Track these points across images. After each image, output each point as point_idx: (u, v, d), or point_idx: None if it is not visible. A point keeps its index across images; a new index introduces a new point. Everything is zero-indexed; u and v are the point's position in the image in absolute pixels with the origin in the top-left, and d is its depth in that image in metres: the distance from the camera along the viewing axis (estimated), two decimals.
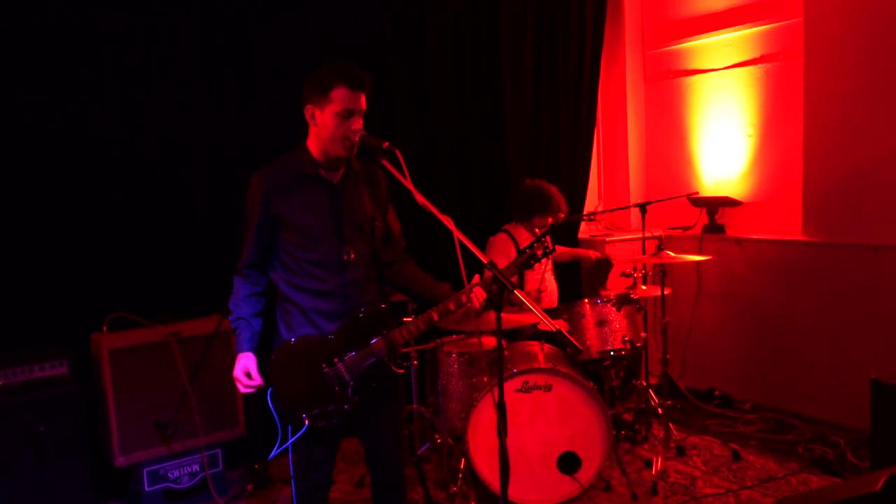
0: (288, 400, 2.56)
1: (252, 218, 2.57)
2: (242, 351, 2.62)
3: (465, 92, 5.00)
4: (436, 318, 2.60)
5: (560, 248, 4.49)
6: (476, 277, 2.61)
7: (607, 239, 5.38)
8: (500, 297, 2.28)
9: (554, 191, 4.39)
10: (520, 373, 3.54)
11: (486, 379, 3.70)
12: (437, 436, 3.96)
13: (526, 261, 2.61)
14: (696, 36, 5.38)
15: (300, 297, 2.59)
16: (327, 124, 2.50)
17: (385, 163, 2.40)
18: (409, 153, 2.42)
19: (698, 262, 4.93)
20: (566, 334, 2.26)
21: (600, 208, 5.83)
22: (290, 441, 2.56)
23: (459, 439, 3.70)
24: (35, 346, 3.53)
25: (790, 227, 4.82)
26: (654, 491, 3.71)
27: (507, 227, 4.47)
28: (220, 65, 4.13)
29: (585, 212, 5.57)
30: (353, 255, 2.60)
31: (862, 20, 4.29)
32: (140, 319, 3.73)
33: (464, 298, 2.57)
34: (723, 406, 4.91)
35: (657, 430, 4.40)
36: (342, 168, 2.62)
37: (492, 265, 2.21)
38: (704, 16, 5.32)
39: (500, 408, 2.23)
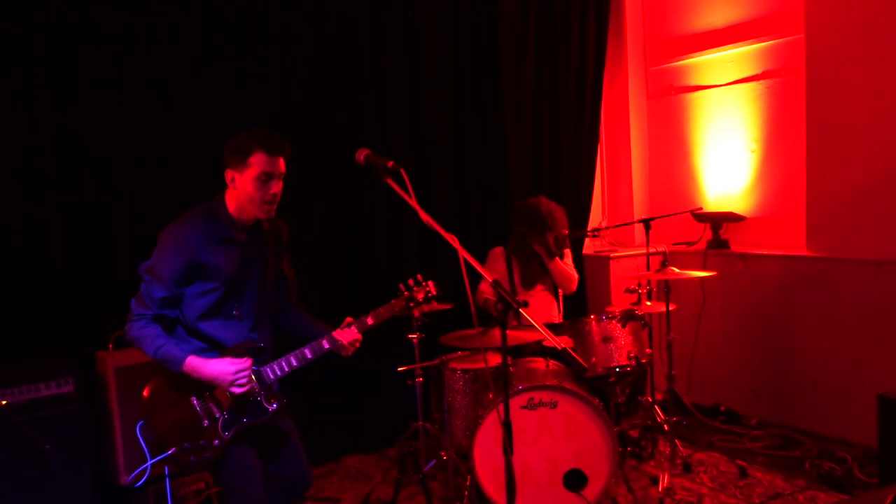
0: (158, 433, 2.65)
1: (169, 268, 2.62)
2: (186, 356, 2.62)
3: (465, 108, 5.03)
4: (309, 356, 2.77)
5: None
6: (348, 319, 2.81)
7: (611, 255, 5.38)
8: (504, 314, 2.29)
9: (543, 208, 4.35)
10: (525, 389, 3.53)
11: (491, 396, 3.69)
12: (442, 453, 3.95)
13: (406, 303, 2.86)
14: (698, 52, 5.41)
15: (193, 342, 2.70)
16: (247, 188, 2.62)
17: (390, 182, 2.42)
18: (409, 171, 2.45)
19: (703, 278, 4.93)
20: (571, 352, 2.26)
21: (604, 224, 5.84)
22: (149, 463, 2.68)
23: (465, 456, 3.69)
24: (41, 364, 3.53)
25: (794, 242, 4.82)
26: None
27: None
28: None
29: (589, 228, 5.58)
30: (237, 312, 2.76)
31: (863, 36, 4.31)
32: None
33: (335, 335, 2.76)
34: (729, 422, 4.89)
35: (663, 447, 4.38)
36: (251, 227, 2.76)
37: (496, 284, 2.22)
38: (706, 32, 5.35)
39: (506, 426, 2.23)
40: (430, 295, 2.90)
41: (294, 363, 2.76)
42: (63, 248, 3.78)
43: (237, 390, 2.64)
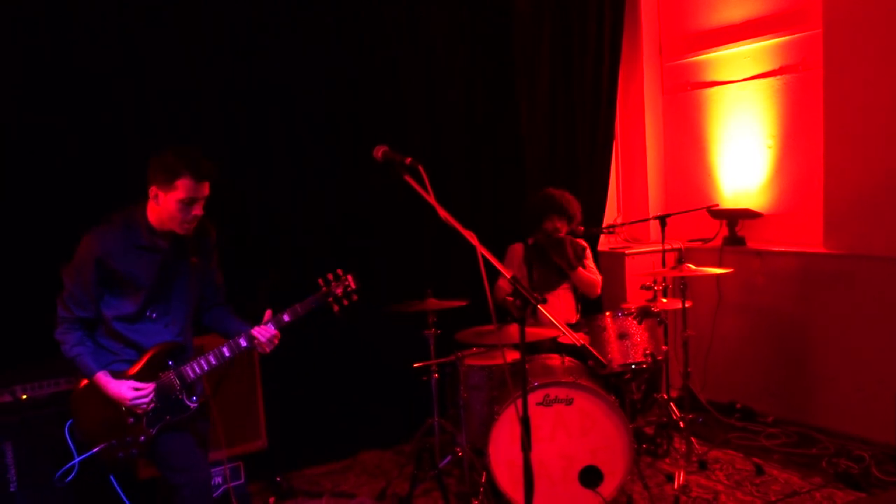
0: (85, 432, 2.79)
1: (86, 274, 2.72)
2: (97, 371, 2.75)
3: (479, 105, 5.02)
4: (227, 353, 2.87)
5: None
6: (268, 313, 2.89)
7: (627, 252, 5.37)
8: (523, 311, 2.29)
9: (557, 193, 4.37)
10: (541, 386, 3.53)
11: (506, 392, 3.70)
12: (458, 449, 3.96)
13: (323, 299, 2.93)
14: (715, 48, 5.38)
15: (112, 342, 2.81)
16: (169, 209, 2.70)
17: (408, 178, 2.43)
18: (423, 165, 2.46)
19: (719, 275, 4.91)
20: (590, 348, 2.26)
21: (619, 221, 5.82)
22: (76, 461, 2.75)
23: (480, 452, 3.70)
24: (60, 359, 3.56)
25: (811, 239, 4.79)
26: None
27: (529, 240, 4.49)
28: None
29: (604, 224, 5.56)
30: (154, 315, 2.84)
31: (882, 30, 4.27)
32: None
33: (253, 332, 2.86)
34: (745, 419, 4.87)
35: (679, 444, 4.37)
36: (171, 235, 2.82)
37: (515, 280, 2.23)
38: (722, 28, 5.32)
39: (525, 422, 2.23)
40: (349, 289, 2.98)
41: (213, 361, 2.87)
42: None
43: (138, 411, 2.77)
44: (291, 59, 4.32)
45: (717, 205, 5.19)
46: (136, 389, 2.75)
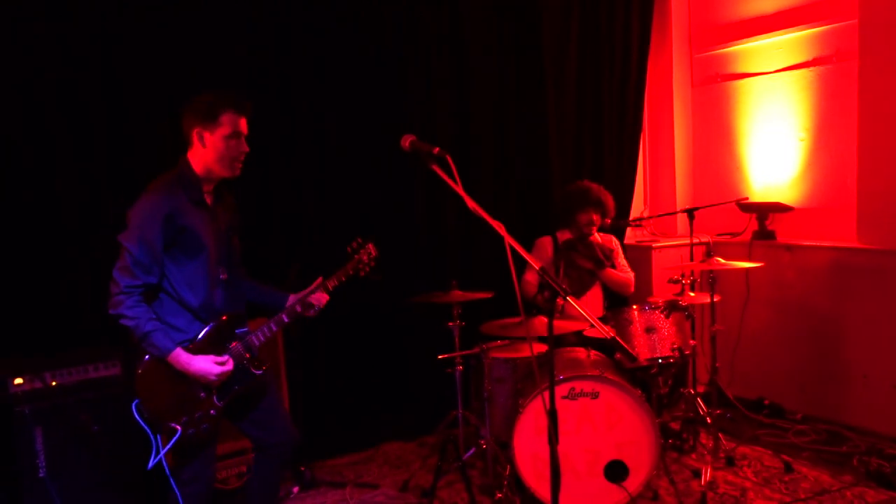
0: (156, 411, 2.68)
1: (152, 234, 2.62)
2: (173, 349, 2.66)
3: (507, 97, 4.99)
4: (286, 319, 2.91)
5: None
6: (318, 279, 2.94)
7: (654, 245, 5.31)
8: (551, 303, 2.26)
9: (594, 186, 4.39)
10: (566, 379, 3.50)
11: (531, 385, 3.67)
12: (482, 441, 3.95)
13: (355, 264, 3.04)
14: (745, 39, 5.29)
15: (179, 318, 2.74)
16: (217, 146, 2.70)
17: (436, 168, 2.41)
18: (451, 156, 2.44)
19: (748, 269, 4.84)
20: (620, 341, 2.23)
21: (646, 214, 5.76)
22: (164, 451, 2.66)
23: (505, 445, 3.68)
24: (89, 346, 3.60)
25: (844, 233, 4.69)
26: (703, 502, 3.63)
27: (557, 231, 4.47)
28: None
29: (631, 217, 5.51)
30: (225, 275, 2.85)
31: None
32: None
33: (308, 303, 2.93)
34: (773, 416, 4.80)
35: (705, 440, 4.31)
36: (213, 192, 2.83)
37: (543, 271, 2.20)
38: (753, 18, 5.22)
39: (552, 415, 2.21)
40: (371, 255, 3.12)
41: (274, 328, 2.90)
42: (107, 230, 3.82)
43: (216, 384, 2.75)
44: (323, 49, 4.33)
45: (747, 198, 5.10)
46: (219, 363, 2.72)
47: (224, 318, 2.82)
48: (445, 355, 3.93)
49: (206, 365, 2.69)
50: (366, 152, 4.48)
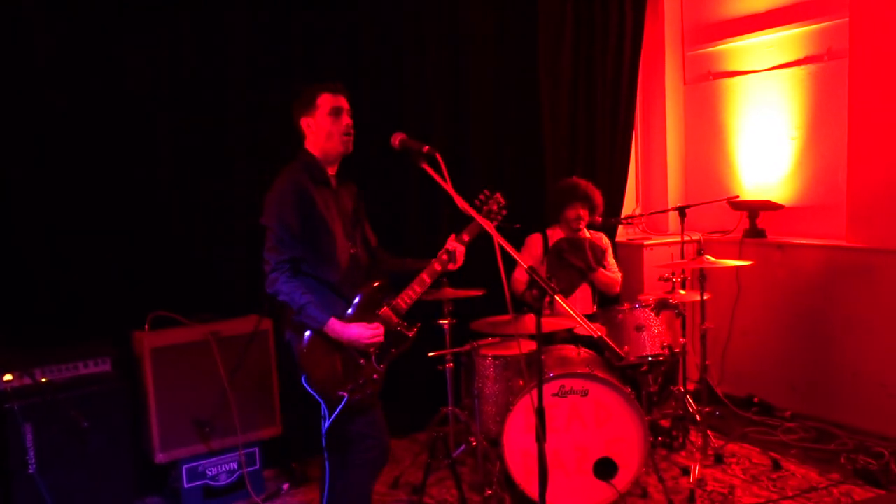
0: (322, 382, 2.82)
1: (289, 208, 2.80)
2: (328, 319, 2.79)
3: (501, 93, 4.98)
4: (427, 280, 2.95)
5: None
6: (452, 237, 2.99)
7: (645, 242, 5.32)
8: (540, 301, 2.27)
9: (582, 182, 4.38)
10: (556, 377, 3.51)
11: (521, 382, 3.68)
12: (472, 438, 3.96)
13: (485, 215, 2.96)
14: (738, 37, 5.30)
15: (317, 285, 2.86)
16: (324, 126, 2.87)
17: (425, 166, 2.41)
18: (443, 154, 2.45)
19: (738, 268, 4.86)
20: (607, 340, 2.24)
21: (638, 211, 5.78)
22: (333, 416, 2.79)
23: (495, 442, 3.69)
24: (79, 343, 3.60)
25: (834, 232, 4.72)
26: (691, 499, 3.66)
27: (548, 229, 4.47)
28: None
29: (623, 215, 5.52)
30: (354, 250, 2.96)
31: None
32: (181, 318, 3.78)
33: (444, 257, 2.95)
34: (762, 414, 4.82)
35: (695, 437, 4.33)
36: (334, 174, 2.98)
37: (532, 270, 2.20)
38: (746, 17, 5.24)
39: (539, 413, 2.22)
40: (500, 205, 3.08)
41: (418, 290, 2.97)
42: (101, 230, 3.83)
43: (372, 349, 2.88)
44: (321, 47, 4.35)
45: (738, 196, 5.12)
46: (370, 329, 2.84)
47: (375, 284, 2.96)
48: (436, 352, 3.94)
49: (359, 330, 2.82)
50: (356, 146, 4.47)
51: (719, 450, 4.18)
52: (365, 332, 2.82)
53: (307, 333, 2.83)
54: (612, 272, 4.49)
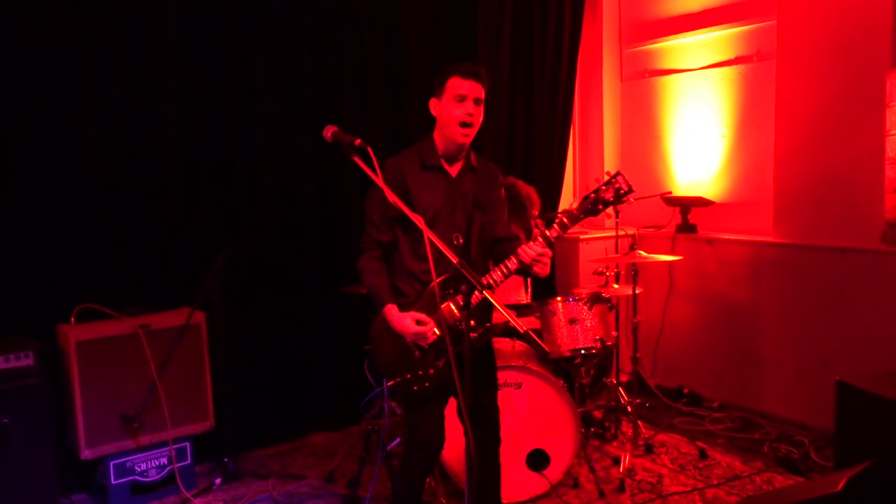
0: (380, 363, 2.86)
1: (379, 196, 2.68)
2: (385, 304, 2.74)
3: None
4: (499, 278, 2.69)
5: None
6: (536, 231, 2.88)
7: (581, 237, 5.40)
8: (468, 297, 2.28)
9: (530, 191, 4.38)
10: None
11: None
12: None
13: (593, 205, 2.71)
14: (673, 36, 5.41)
15: (402, 271, 2.83)
16: (445, 111, 2.77)
17: (356, 159, 2.40)
18: (383, 145, 2.44)
19: (671, 262, 4.97)
20: (533, 335, 2.27)
21: (575, 206, 5.83)
22: (376, 390, 2.83)
23: None
24: (0, 336, 3.48)
25: (762, 227, 4.86)
26: (621, 488, 3.74)
27: None
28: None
29: (560, 209, 5.58)
30: (461, 240, 2.84)
31: (834, 23, 4.33)
32: (109, 311, 3.69)
33: (520, 252, 2.67)
34: (692, 404, 4.96)
35: (626, 428, 4.43)
36: (461, 161, 2.87)
37: (462, 265, 2.22)
38: (681, 16, 5.35)
39: (462, 412, 2.23)
40: (621, 192, 2.70)
41: (499, 279, 2.73)
42: (25, 220, 3.70)
43: (422, 344, 2.73)
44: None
45: (671, 192, 5.24)
46: (419, 323, 2.70)
47: (442, 278, 2.75)
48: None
49: (405, 322, 2.70)
50: (292, 143, 4.44)
51: (649, 440, 4.28)
52: (410, 326, 2.69)
53: (380, 315, 2.80)
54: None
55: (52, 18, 3.63)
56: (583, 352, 3.91)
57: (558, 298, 3.98)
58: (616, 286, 4.29)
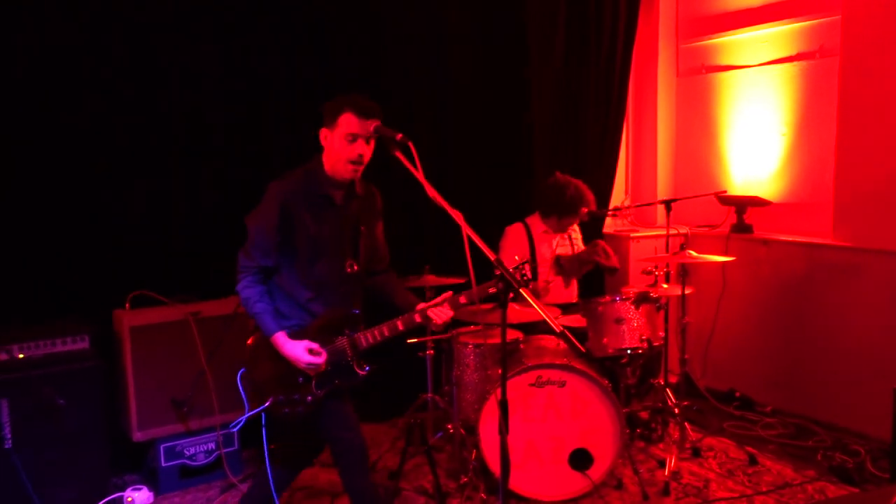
0: (257, 382, 2.81)
1: (270, 219, 2.72)
2: (276, 332, 2.75)
3: (489, 81, 4.95)
4: (401, 327, 2.82)
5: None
6: (448, 294, 2.83)
7: (631, 235, 5.32)
8: (505, 295, 2.27)
9: (583, 189, 4.34)
10: (533, 367, 3.52)
11: (500, 371, 3.68)
12: (449, 426, 3.97)
13: (494, 296, 2.65)
14: (732, 31, 5.28)
15: (285, 295, 2.82)
16: (335, 147, 2.74)
17: (398, 154, 2.41)
18: (428, 141, 2.44)
19: (724, 263, 4.85)
20: (568, 335, 2.24)
21: (626, 203, 5.76)
22: (245, 416, 2.78)
23: (472, 430, 3.70)
24: (58, 320, 3.61)
25: (820, 229, 4.71)
26: (666, 491, 3.68)
27: (527, 218, 4.45)
28: None
29: (611, 206, 5.50)
30: (356, 267, 2.87)
31: None
32: (161, 298, 3.79)
33: (429, 314, 2.79)
34: (743, 408, 4.84)
35: (673, 430, 4.35)
36: (345, 188, 2.84)
37: (499, 262, 2.20)
38: (741, 11, 5.21)
39: (503, 406, 2.22)
40: (525, 278, 2.65)
41: (386, 333, 2.84)
42: (85, 209, 3.83)
43: (310, 373, 2.78)
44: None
45: (726, 191, 5.11)
46: (312, 353, 2.74)
47: (339, 314, 2.84)
48: (417, 339, 3.94)
49: (298, 351, 2.73)
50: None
51: (697, 443, 4.20)
52: (303, 356, 2.73)
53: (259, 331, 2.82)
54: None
55: (52, 18, 3.67)
56: (628, 351, 3.85)
57: (605, 297, 3.93)
58: (665, 286, 4.21)
